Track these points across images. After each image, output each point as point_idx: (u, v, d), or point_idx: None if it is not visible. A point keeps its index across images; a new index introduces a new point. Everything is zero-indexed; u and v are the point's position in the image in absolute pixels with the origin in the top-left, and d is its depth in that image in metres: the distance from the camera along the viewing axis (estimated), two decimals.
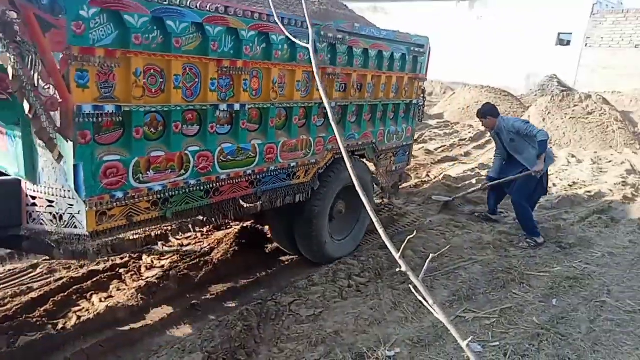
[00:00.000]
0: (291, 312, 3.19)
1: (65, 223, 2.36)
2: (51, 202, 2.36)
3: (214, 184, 2.80)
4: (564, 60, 15.24)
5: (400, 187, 5.08)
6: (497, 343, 2.89)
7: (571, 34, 15.13)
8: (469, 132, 10.47)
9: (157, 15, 2.27)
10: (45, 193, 2.37)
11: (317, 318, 3.13)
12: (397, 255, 1.11)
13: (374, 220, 1.21)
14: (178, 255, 3.93)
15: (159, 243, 4.13)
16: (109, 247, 2.46)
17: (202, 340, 2.79)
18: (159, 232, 2.81)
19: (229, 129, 2.85)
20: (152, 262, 3.81)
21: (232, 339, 2.81)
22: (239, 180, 2.95)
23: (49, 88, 2.02)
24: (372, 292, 3.51)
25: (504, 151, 4.97)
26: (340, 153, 3.82)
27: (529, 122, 4.85)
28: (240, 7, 2.65)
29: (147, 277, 3.52)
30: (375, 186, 4.51)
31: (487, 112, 4.89)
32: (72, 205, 2.31)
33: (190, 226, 2.89)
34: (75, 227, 2.33)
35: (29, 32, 1.90)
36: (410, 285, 1.22)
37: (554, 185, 6.78)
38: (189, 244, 4.19)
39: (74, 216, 2.32)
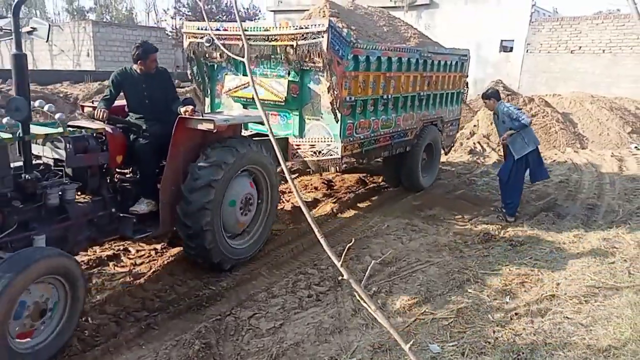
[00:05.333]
0: (251, 326, 3.14)
1: (324, 154, 4.95)
2: (313, 145, 4.99)
3: (379, 137, 5.56)
4: (508, 65, 15.93)
5: (451, 148, 8.10)
6: (455, 343, 2.95)
7: (513, 40, 15.83)
8: None
9: (367, 54, 4.95)
10: (308, 141, 5.01)
11: (278, 330, 3.10)
12: (338, 264, 1.11)
13: (315, 230, 1.20)
14: (130, 276, 3.78)
15: (110, 264, 3.99)
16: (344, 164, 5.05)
17: None
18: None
19: (383, 108, 5.58)
20: (103, 283, 3.65)
21: (190, 358, 2.73)
22: (386, 136, 5.71)
23: (337, 91, 4.60)
24: (332, 300, 3.51)
25: (499, 132, 5.67)
26: (426, 122, 6.73)
27: (521, 110, 5.61)
28: (393, 45, 5.49)
29: (97, 300, 3.38)
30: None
31: (491, 95, 5.65)
32: (330, 145, 4.92)
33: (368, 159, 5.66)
34: (331, 155, 4.93)
35: (334, 67, 4.52)
36: (354, 293, 1.22)
37: None
38: (142, 263, 4.04)
39: (330, 150, 4.92)
